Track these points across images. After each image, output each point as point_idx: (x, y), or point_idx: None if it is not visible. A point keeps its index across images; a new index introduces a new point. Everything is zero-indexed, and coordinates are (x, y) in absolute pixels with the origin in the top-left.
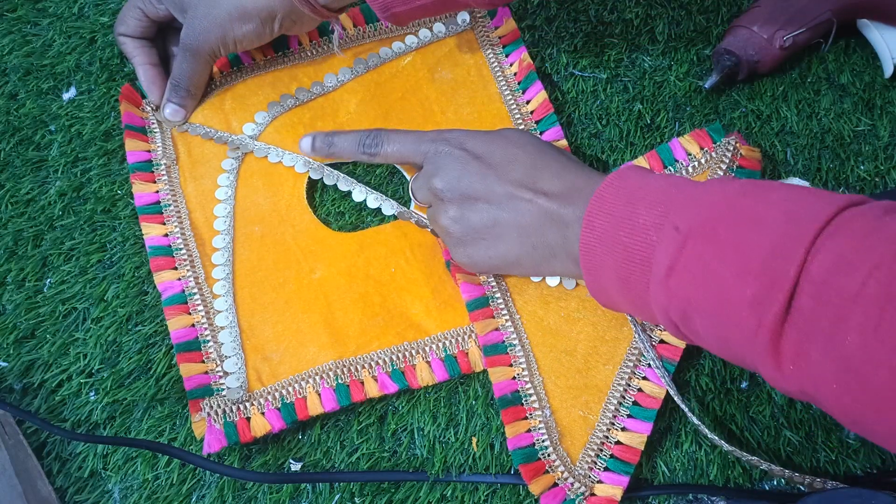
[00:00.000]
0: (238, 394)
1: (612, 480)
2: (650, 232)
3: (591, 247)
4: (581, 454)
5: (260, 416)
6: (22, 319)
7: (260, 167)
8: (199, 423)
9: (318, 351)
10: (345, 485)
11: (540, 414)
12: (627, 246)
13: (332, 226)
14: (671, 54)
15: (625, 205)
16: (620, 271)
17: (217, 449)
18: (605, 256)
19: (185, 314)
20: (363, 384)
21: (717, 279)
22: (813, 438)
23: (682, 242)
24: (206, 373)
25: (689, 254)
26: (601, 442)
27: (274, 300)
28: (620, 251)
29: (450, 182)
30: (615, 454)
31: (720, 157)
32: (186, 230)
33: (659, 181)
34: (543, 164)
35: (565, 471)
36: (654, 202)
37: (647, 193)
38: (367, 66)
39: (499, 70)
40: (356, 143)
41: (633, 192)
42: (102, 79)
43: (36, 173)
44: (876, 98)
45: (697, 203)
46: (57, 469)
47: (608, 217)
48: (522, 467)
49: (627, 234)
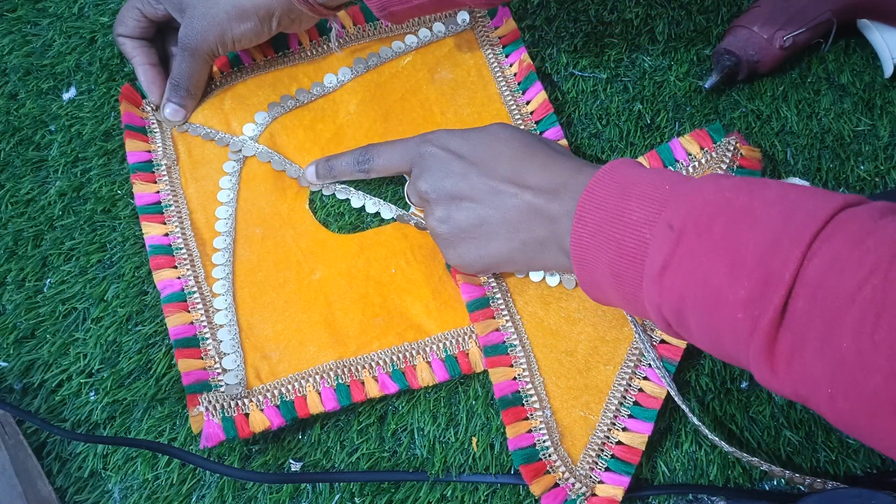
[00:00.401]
0: (236, 390)
1: (614, 481)
2: (643, 228)
3: (583, 242)
4: (582, 454)
5: (258, 412)
6: (22, 319)
7: (262, 170)
8: (197, 417)
9: (319, 350)
10: (345, 485)
11: (541, 414)
12: (620, 242)
13: (332, 227)
14: (671, 54)
15: (617, 200)
16: (613, 267)
17: (215, 443)
18: (597, 252)
19: (185, 312)
20: (363, 384)
21: (711, 279)
22: (813, 438)
23: (675, 240)
24: (204, 369)
25: (683, 252)
26: (602, 442)
27: (274, 300)
28: (613, 247)
29: (434, 183)
30: (616, 454)
31: (720, 157)
32: (187, 230)
33: (652, 176)
34: (528, 157)
35: (566, 471)
36: (647, 198)
37: (640, 188)
38: (366, 65)
39: (499, 70)
40: (352, 162)
41: (625, 187)
42: (102, 79)
43: (36, 173)
44: (876, 98)
45: (692, 200)
46: (57, 469)
47: (600, 212)
48: (523, 468)
49: (619, 231)
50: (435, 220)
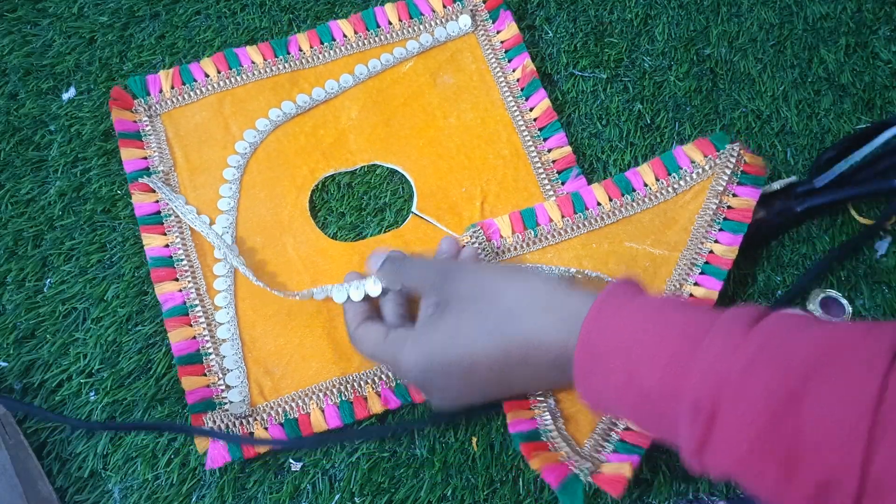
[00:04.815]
0: (241, 408)
1: (622, 459)
2: (664, 402)
3: (594, 401)
4: (587, 439)
5: (263, 432)
6: (22, 319)
7: (262, 178)
8: (202, 438)
9: (321, 367)
10: (345, 484)
11: (544, 403)
12: (637, 408)
13: (333, 226)
14: (671, 54)
15: (622, 373)
16: (639, 423)
17: (220, 464)
18: (617, 409)
19: (187, 326)
20: (366, 400)
21: (763, 475)
22: None
23: (708, 422)
24: (208, 386)
25: (720, 435)
26: (608, 428)
27: (276, 312)
28: (630, 412)
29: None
30: (624, 438)
31: (724, 164)
32: (188, 241)
33: (649, 326)
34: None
35: (570, 450)
36: (658, 364)
37: (645, 352)
38: (368, 71)
39: (501, 76)
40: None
41: (628, 353)
42: (102, 78)
43: (36, 173)
44: (876, 98)
45: (718, 366)
46: (57, 469)
47: (602, 394)
48: (523, 445)
49: (637, 403)
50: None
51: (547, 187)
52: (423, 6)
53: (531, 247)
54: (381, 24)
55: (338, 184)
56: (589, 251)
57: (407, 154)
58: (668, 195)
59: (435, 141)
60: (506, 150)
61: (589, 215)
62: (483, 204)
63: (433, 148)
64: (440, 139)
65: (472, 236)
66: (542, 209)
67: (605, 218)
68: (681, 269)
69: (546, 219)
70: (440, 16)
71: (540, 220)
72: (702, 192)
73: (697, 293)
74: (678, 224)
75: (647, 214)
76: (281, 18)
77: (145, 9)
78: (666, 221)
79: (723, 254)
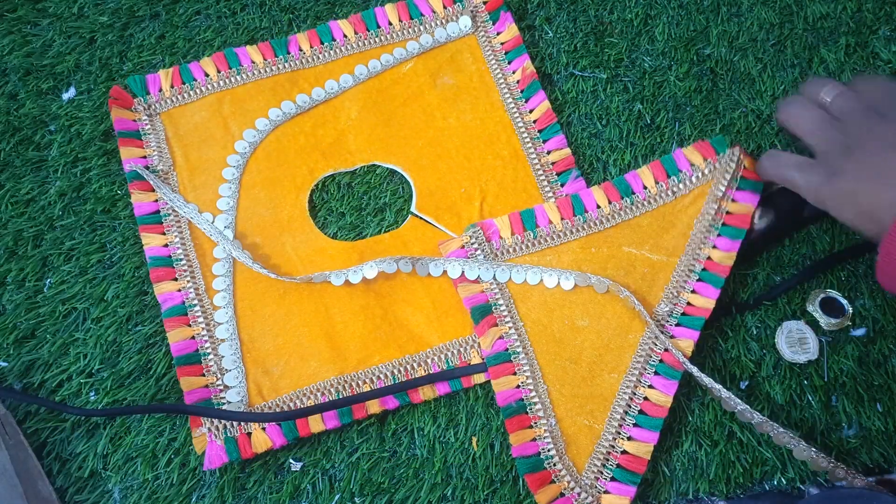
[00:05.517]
0: (239, 408)
1: (619, 490)
2: None
3: None
4: (587, 464)
5: (261, 432)
6: (22, 319)
7: (262, 178)
8: (200, 438)
9: (320, 366)
10: (345, 484)
11: (545, 423)
12: None
13: (332, 226)
14: (671, 54)
15: None
16: None
17: (218, 465)
18: None
19: (185, 326)
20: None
21: None
22: (813, 438)
23: None
24: (206, 386)
25: None
26: (607, 451)
27: (274, 312)
28: None
29: None
30: (621, 463)
31: (724, 167)
32: (187, 240)
33: None
34: None
35: (571, 480)
36: None
37: None
38: (368, 72)
39: (501, 77)
40: None
41: None
42: (102, 78)
43: (36, 173)
44: None
45: None
46: (57, 469)
47: None
48: (528, 476)
49: None
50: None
51: (546, 189)
52: (423, 7)
53: (530, 249)
54: (381, 25)
55: (337, 184)
56: (588, 255)
57: (406, 154)
58: (668, 198)
59: (434, 141)
60: (505, 151)
61: (588, 218)
62: (482, 204)
63: (433, 148)
64: (440, 140)
65: (471, 236)
66: (541, 210)
67: (604, 221)
68: (678, 276)
69: (545, 220)
70: (440, 17)
71: (539, 222)
72: (701, 197)
73: (695, 302)
74: (676, 228)
75: (646, 218)
76: (281, 18)
77: (145, 9)
78: (664, 225)
79: (720, 260)
